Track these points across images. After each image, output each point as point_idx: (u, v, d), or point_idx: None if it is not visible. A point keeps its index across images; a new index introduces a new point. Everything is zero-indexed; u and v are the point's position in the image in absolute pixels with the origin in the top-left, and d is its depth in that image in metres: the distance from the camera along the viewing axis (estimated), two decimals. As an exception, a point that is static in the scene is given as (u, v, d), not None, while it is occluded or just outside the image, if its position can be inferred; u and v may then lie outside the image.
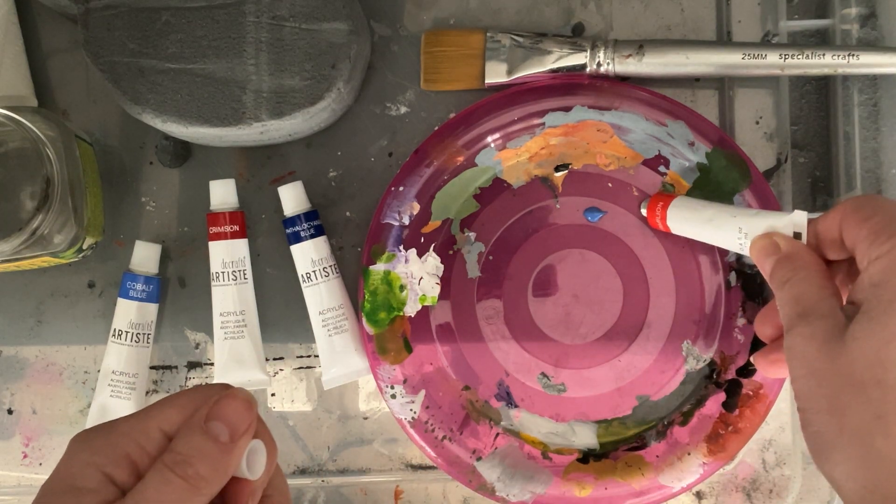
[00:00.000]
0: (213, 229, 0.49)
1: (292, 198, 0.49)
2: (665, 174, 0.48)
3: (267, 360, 0.51)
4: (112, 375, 0.49)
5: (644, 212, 0.48)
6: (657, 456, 0.48)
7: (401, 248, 0.49)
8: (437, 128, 0.49)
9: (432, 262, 0.49)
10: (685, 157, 0.48)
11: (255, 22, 0.45)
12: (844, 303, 0.32)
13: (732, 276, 0.49)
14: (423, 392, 0.49)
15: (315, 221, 0.49)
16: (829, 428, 0.29)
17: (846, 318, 0.31)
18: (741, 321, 0.48)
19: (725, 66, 0.46)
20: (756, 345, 0.48)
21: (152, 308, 0.49)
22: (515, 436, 0.50)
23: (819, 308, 0.32)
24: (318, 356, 0.50)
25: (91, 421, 0.49)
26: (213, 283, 0.49)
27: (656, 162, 0.48)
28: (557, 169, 0.49)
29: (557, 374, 0.50)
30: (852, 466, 0.28)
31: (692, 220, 0.44)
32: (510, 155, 0.49)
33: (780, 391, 0.47)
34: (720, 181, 0.47)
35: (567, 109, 0.48)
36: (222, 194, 0.49)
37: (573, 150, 0.49)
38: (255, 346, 0.49)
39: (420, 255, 0.49)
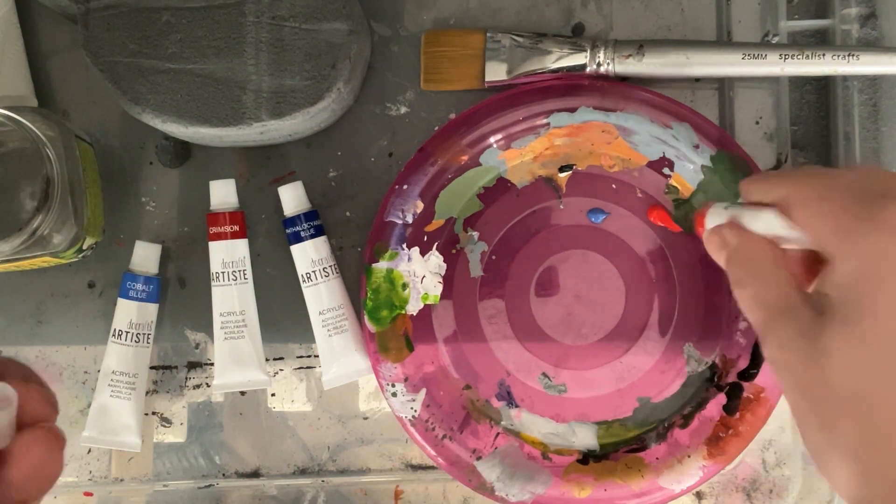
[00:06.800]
0: (213, 229, 0.48)
1: (292, 198, 0.49)
2: (669, 176, 0.48)
3: (267, 360, 0.51)
4: (112, 375, 0.49)
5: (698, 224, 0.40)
6: (657, 458, 0.48)
7: (404, 246, 0.49)
8: (441, 126, 0.49)
9: (435, 260, 0.49)
10: (689, 160, 0.48)
11: (255, 22, 0.45)
12: (811, 288, 0.30)
13: (733, 277, 0.49)
14: (423, 391, 0.49)
15: (315, 221, 0.49)
16: (820, 444, 0.29)
17: (816, 312, 0.29)
18: (743, 324, 0.48)
19: (725, 66, 0.46)
20: (758, 350, 0.48)
21: (152, 308, 0.49)
22: (516, 436, 0.50)
23: (782, 309, 0.30)
24: (318, 356, 0.50)
25: (91, 421, 0.49)
26: (213, 283, 0.49)
27: (660, 164, 0.48)
28: (562, 169, 0.49)
29: (558, 374, 0.50)
30: (847, 481, 0.28)
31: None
32: (514, 155, 0.49)
33: (781, 395, 0.47)
34: (724, 184, 0.47)
35: (572, 110, 0.48)
36: (222, 194, 0.49)
37: (577, 151, 0.49)
38: (255, 346, 0.49)
39: (423, 253, 0.49)
